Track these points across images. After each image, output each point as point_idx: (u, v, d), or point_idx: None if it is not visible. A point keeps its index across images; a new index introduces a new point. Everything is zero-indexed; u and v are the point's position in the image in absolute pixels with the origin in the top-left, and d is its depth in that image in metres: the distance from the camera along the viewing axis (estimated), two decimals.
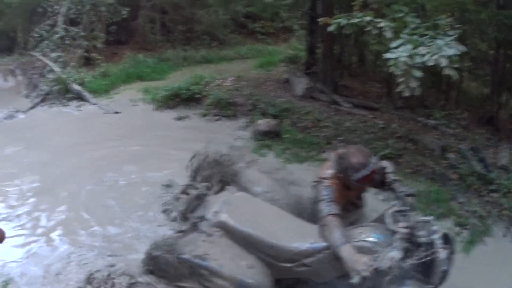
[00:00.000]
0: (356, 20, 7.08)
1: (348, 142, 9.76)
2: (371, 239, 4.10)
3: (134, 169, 8.46)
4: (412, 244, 4.08)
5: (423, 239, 4.01)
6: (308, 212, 4.88)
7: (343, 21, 7.15)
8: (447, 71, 6.11)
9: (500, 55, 13.24)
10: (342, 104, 12.22)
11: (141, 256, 5.08)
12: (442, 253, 3.94)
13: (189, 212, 5.14)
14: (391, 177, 4.57)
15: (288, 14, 20.91)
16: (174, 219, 5.56)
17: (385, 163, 4.76)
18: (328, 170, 4.53)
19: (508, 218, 8.01)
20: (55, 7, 17.35)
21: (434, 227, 4.10)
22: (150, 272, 4.74)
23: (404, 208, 4.21)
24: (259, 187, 5.17)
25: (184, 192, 5.48)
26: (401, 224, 4.01)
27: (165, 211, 6.09)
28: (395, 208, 4.25)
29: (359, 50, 15.77)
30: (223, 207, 4.64)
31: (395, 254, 3.83)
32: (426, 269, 4.00)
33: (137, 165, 8.62)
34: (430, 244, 4.00)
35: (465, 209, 8.20)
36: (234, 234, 4.43)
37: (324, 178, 4.48)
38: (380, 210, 4.80)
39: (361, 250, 3.99)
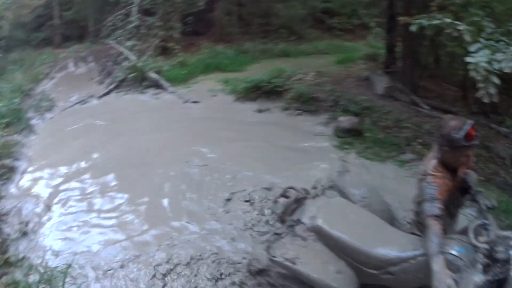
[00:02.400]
0: (437, 22, 7.09)
1: (427, 145, 9.63)
2: (454, 252, 3.95)
3: (224, 163, 8.23)
4: (489, 259, 3.86)
5: (500, 255, 3.78)
6: (397, 219, 5.03)
7: (424, 22, 7.18)
8: None
9: None
10: (421, 106, 12.12)
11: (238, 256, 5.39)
12: None
13: (286, 215, 5.05)
14: (474, 187, 4.28)
15: (365, 11, 20.69)
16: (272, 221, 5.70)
17: (468, 171, 4.43)
18: (431, 161, 4.37)
19: None
20: None
21: None
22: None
23: (486, 222, 3.99)
24: (358, 190, 5.15)
25: (283, 195, 5.35)
26: (482, 239, 3.82)
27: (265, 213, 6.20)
28: (478, 222, 4.04)
29: (434, 51, 15.51)
30: (319, 211, 4.65)
31: (478, 279, 3.70)
32: (499, 286, 3.79)
33: (225, 158, 8.44)
34: (507, 261, 3.78)
35: None
36: (328, 239, 4.45)
37: (427, 174, 4.28)
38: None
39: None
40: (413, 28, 7.39)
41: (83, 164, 8.78)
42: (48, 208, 7.15)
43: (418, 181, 4.40)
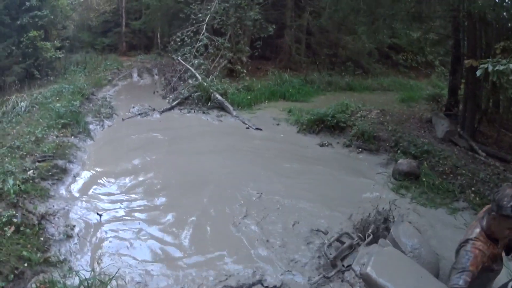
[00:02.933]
0: (502, 67, 6.93)
1: (480, 194, 9.59)
2: None
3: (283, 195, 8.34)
4: None
5: None
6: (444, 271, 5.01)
7: (490, 67, 6.99)
8: None
9: None
10: (479, 152, 11.95)
11: None
12: None
13: (339, 260, 5.22)
14: None
15: (431, 49, 20.62)
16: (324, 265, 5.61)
17: None
18: (476, 229, 4.26)
19: None
20: (199, 15, 17.83)
21: None
22: None
23: None
24: (410, 241, 5.25)
25: (338, 239, 5.57)
26: None
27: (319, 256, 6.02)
28: None
29: (495, 94, 15.10)
30: (370, 259, 4.64)
31: None
32: None
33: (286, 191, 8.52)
34: None
35: None
36: (374, 287, 4.45)
37: (470, 240, 4.20)
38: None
39: None
40: (479, 72, 7.27)
41: (138, 178, 8.96)
42: (97, 216, 7.29)
43: (458, 248, 4.30)
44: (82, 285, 5.37)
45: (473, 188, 9.71)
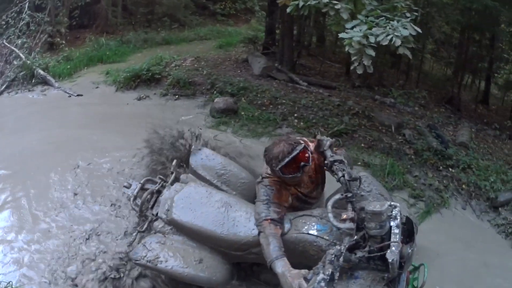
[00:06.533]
0: (313, 2, 7.06)
1: (304, 119, 10.28)
2: (313, 232, 3.92)
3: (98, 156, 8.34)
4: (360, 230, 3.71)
5: (373, 232, 3.62)
6: None
7: (301, 3, 7.14)
8: (401, 51, 6.23)
9: (464, 38, 13.97)
10: (299, 83, 12.55)
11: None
12: (391, 254, 3.45)
13: (146, 210, 5.00)
14: (329, 157, 4.06)
15: None
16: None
17: (324, 141, 4.24)
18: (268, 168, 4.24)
19: (467, 192, 8.51)
20: None
21: (395, 211, 3.73)
22: None
23: (347, 195, 3.79)
24: (210, 170, 5.06)
25: (142, 188, 5.18)
26: (345, 216, 3.63)
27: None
28: (337, 197, 3.85)
29: (318, 31, 16.16)
30: (172, 204, 4.59)
31: (321, 277, 3.32)
32: (383, 257, 3.57)
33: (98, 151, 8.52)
34: (386, 235, 3.64)
35: (421, 182, 8.63)
36: (186, 230, 4.47)
37: (265, 177, 4.25)
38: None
39: (303, 244, 3.89)
40: (289, 9, 7.41)
41: None
42: None
43: (256, 184, 4.32)
44: None
45: (295, 114, 10.37)
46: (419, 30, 6.40)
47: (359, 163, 8.96)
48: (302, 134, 9.10)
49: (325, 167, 4.20)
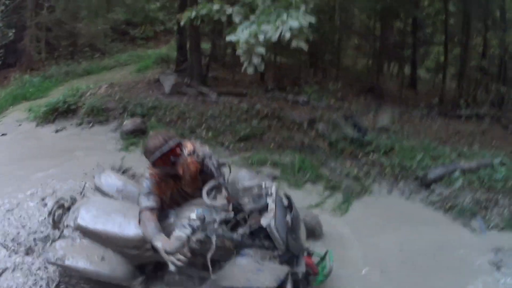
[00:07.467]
0: (204, 11, 7.31)
1: (211, 129, 10.86)
2: (192, 215, 4.11)
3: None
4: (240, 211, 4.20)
5: (249, 206, 4.09)
6: None
7: (193, 14, 7.43)
8: (294, 44, 6.28)
9: (378, 26, 14.86)
10: (208, 95, 13.14)
11: None
12: (265, 219, 3.92)
13: (59, 223, 5.47)
14: (208, 161, 4.48)
15: (167, 16, 21.85)
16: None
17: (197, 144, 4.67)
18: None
19: (392, 175, 8.84)
20: None
21: (271, 189, 4.17)
22: None
23: (219, 180, 4.25)
24: (112, 187, 5.65)
25: (59, 206, 5.62)
26: (219, 197, 4.09)
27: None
28: (211, 183, 4.29)
29: (214, 40, 16.54)
30: (78, 212, 5.01)
31: (179, 234, 3.79)
32: (269, 236, 4.04)
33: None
34: (264, 211, 4.05)
35: (337, 173, 9.00)
36: (89, 234, 4.86)
37: (148, 172, 4.58)
38: None
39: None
40: (182, 22, 7.79)
41: None
42: None
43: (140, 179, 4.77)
44: None
45: (203, 126, 10.86)
46: (312, 20, 6.29)
47: (268, 163, 9.33)
48: (210, 144, 9.48)
49: (199, 164, 4.52)
